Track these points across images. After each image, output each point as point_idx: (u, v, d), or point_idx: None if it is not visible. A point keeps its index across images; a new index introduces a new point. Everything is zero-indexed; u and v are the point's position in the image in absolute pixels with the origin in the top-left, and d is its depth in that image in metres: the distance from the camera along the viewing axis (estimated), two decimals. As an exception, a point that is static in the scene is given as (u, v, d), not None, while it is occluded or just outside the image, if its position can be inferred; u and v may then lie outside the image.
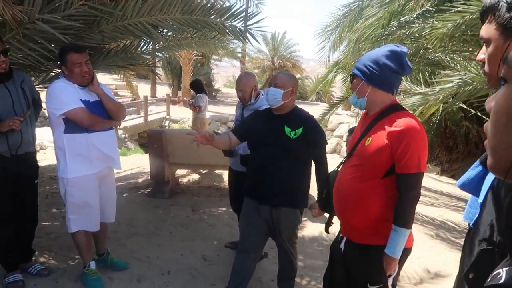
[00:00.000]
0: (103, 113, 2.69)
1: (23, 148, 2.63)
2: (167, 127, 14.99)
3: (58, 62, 4.73)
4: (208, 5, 4.30)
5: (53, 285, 2.74)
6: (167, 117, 16.30)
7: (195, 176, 5.97)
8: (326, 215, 2.12)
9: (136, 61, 5.33)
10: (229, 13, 4.36)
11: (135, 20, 4.17)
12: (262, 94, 3.10)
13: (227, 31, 4.54)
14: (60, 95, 2.55)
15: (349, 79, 1.94)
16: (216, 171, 5.94)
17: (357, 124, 1.95)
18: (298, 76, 27.43)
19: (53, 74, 4.81)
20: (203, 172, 6.05)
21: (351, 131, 2.46)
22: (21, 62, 4.23)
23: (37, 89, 3.24)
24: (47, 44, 4.09)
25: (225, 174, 5.85)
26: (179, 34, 5.71)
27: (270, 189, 2.43)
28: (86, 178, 2.65)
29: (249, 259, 2.62)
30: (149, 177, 5.38)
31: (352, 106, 1.98)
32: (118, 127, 2.98)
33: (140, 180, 5.67)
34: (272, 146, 2.40)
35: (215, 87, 27.68)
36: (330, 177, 2.01)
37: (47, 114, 2.74)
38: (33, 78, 4.23)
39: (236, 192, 3.38)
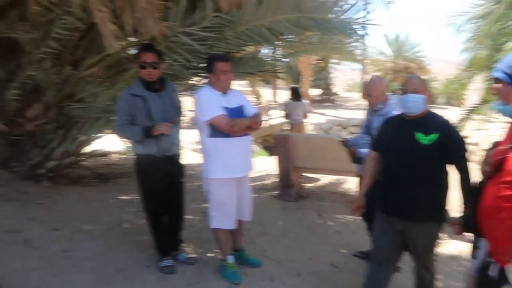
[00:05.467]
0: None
1: (171, 151, 2.96)
2: (287, 131, 15.29)
3: (200, 72, 5.20)
4: (319, 2, 4.27)
5: (197, 273, 3.01)
6: (287, 120, 16.58)
7: (320, 181, 5.99)
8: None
9: (264, 67, 5.56)
10: (339, 10, 4.29)
11: (252, 25, 4.37)
12: (391, 99, 2.98)
13: (339, 28, 4.45)
14: (205, 103, 2.81)
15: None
16: (342, 177, 5.86)
17: (504, 134, 1.72)
18: (424, 78, 25.48)
19: (192, 82, 5.30)
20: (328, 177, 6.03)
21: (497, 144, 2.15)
22: (165, 72, 4.79)
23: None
24: (187, 55, 4.53)
25: (350, 181, 5.74)
26: (305, 38, 5.80)
27: (401, 200, 2.29)
28: (226, 180, 2.86)
29: (383, 272, 2.52)
30: (275, 180, 5.58)
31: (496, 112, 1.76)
32: None
33: (267, 182, 5.91)
34: (402, 153, 2.27)
35: (334, 91, 27.33)
36: (474, 194, 1.81)
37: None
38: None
39: (366, 200, 3.29)
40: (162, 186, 2.96)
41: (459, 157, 2.22)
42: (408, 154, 2.25)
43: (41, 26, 4.03)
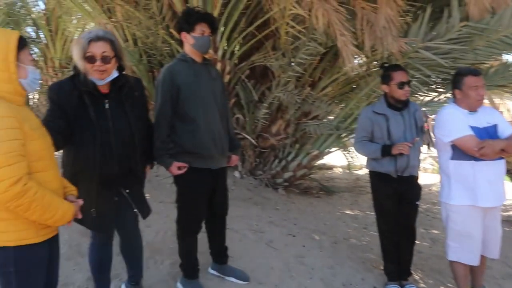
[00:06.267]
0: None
1: (408, 171, 2.81)
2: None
3: (438, 87, 4.86)
4: None
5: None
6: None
7: None
8: None
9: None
10: None
11: None
12: None
13: None
14: (449, 122, 2.59)
15: None
16: None
17: None
18: None
19: (428, 98, 5.01)
20: None
21: None
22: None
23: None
24: (426, 70, 4.31)
25: None
26: None
27: None
28: (469, 208, 2.55)
29: None
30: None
31: None
32: None
33: (513, 213, 4.98)
34: None
35: None
36: None
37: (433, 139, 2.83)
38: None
39: None
40: (397, 207, 2.87)
41: None
42: None
43: (289, 53, 4.63)
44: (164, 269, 2.88)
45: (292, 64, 4.67)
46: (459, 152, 2.54)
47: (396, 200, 2.86)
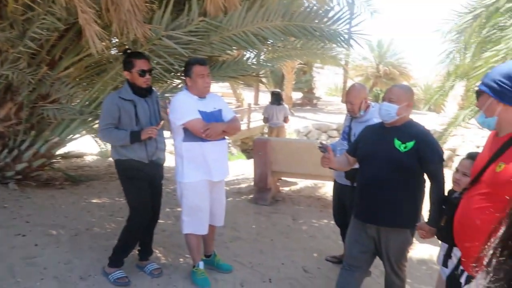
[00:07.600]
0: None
1: (156, 155, 2.89)
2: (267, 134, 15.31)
3: (182, 74, 5.15)
4: (308, 10, 4.32)
5: (167, 280, 2.96)
6: (266, 124, 16.60)
7: (296, 185, 6.00)
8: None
9: (246, 71, 5.55)
10: (328, 18, 4.31)
11: (240, 30, 4.36)
12: (373, 106, 3.00)
13: (327, 36, 4.46)
14: (181, 107, 2.78)
15: (474, 93, 1.75)
16: (320, 181, 5.88)
17: (484, 146, 1.75)
18: (404, 83, 25.87)
19: (174, 85, 5.26)
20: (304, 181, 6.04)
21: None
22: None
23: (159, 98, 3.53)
24: (169, 58, 4.50)
25: (327, 185, 5.77)
26: (289, 44, 5.82)
27: (377, 206, 2.32)
28: (200, 184, 2.82)
29: (354, 277, 2.53)
30: (251, 184, 5.56)
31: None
32: None
33: (243, 186, 5.88)
34: (379, 159, 2.29)
35: (316, 95, 27.53)
36: (450, 204, 1.83)
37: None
38: (156, 89, 4.65)
39: (339, 205, 3.31)
40: (148, 191, 2.88)
41: (434, 166, 2.25)
42: (385, 161, 2.27)
43: (19, 25, 3.93)
44: None
45: (24, 38, 4.01)
46: (190, 134, 2.76)
47: (148, 184, 2.88)
